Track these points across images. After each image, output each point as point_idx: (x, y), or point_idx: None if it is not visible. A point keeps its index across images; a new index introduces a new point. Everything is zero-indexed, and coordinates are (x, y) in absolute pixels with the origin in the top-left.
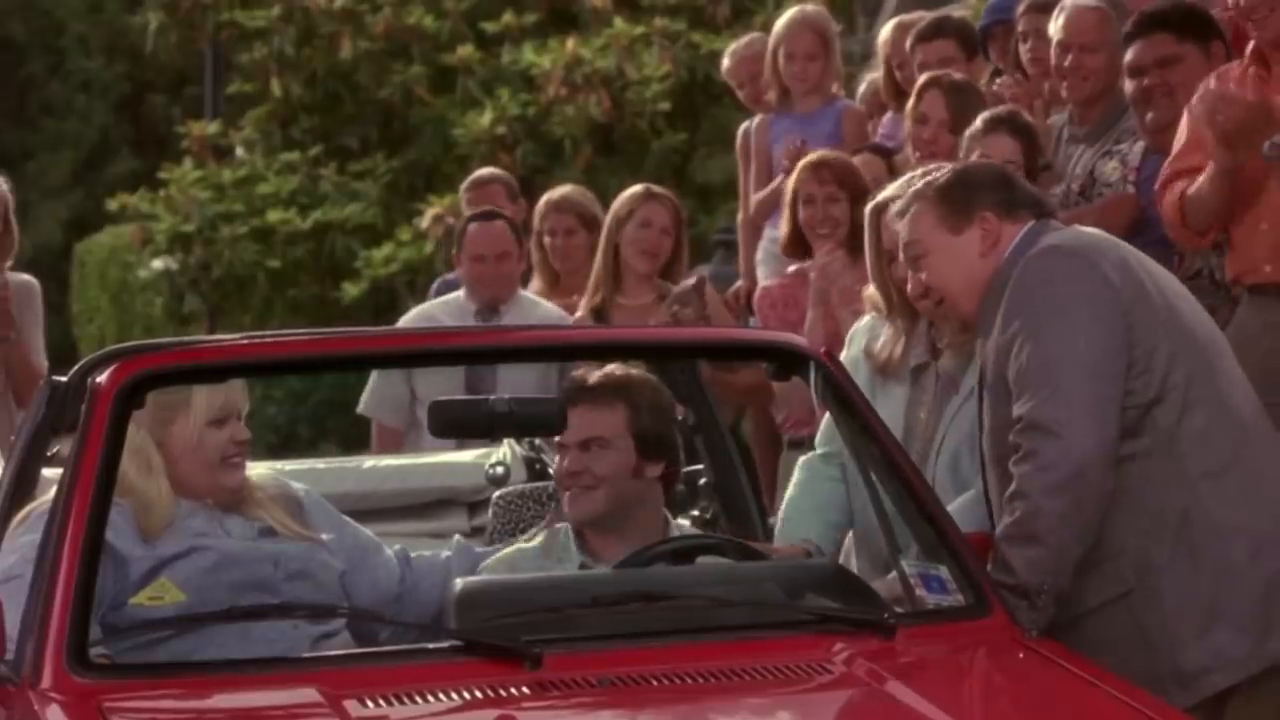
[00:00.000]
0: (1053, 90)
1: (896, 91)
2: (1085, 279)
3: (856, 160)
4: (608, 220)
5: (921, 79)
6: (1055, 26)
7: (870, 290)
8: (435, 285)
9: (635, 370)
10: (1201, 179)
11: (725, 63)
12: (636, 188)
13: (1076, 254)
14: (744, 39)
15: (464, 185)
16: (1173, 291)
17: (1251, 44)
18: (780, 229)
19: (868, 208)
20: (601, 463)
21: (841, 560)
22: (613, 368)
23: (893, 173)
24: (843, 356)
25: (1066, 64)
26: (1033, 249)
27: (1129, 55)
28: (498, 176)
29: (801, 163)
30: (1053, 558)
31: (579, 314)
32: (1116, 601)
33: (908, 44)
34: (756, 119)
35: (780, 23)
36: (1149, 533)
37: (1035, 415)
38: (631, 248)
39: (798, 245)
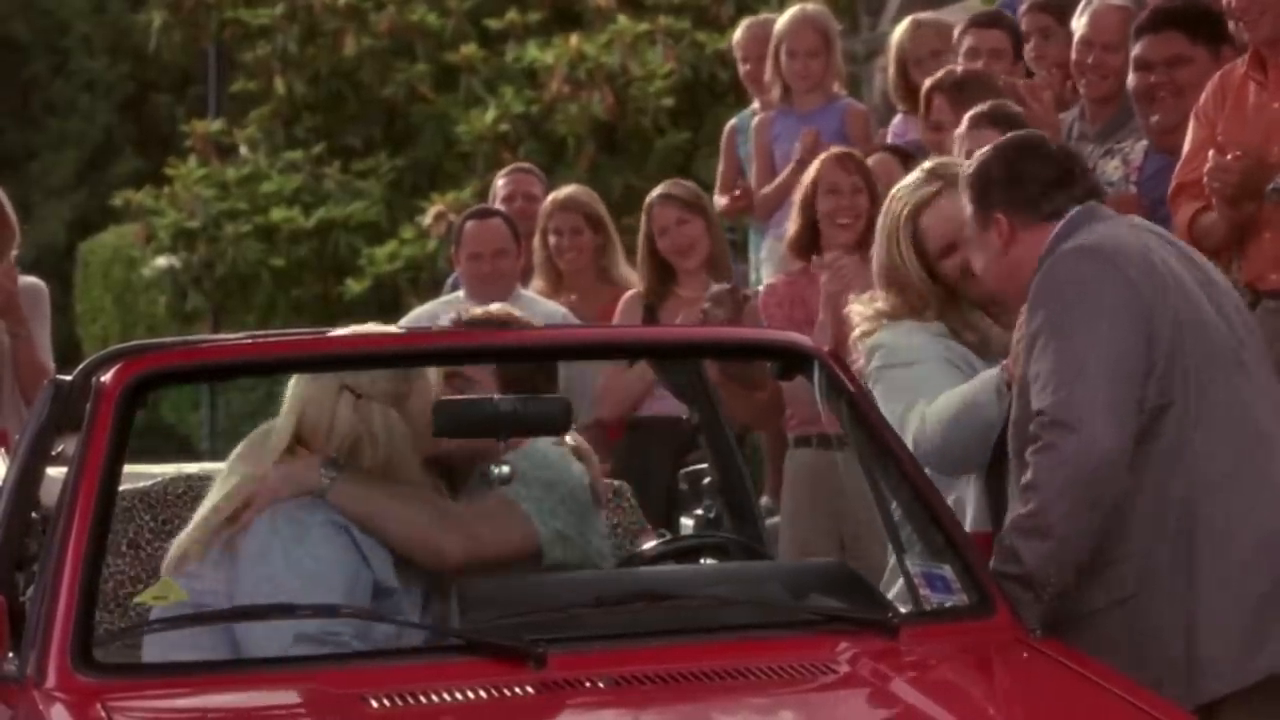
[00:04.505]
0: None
1: (908, 92)
2: (1110, 280)
3: (870, 161)
4: (643, 219)
5: (925, 85)
6: (1079, 23)
7: (880, 304)
8: (450, 281)
9: None
10: (1210, 217)
11: (737, 34)
12: (653, 191)
13: (1102, 255)
14: (762, 16)
15: (501, 173)
16: (1199, 290)
17: (1250, 48)
18: (789, 226)
19: (904, 210)
20: None
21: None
22: None
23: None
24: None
25: (1088, 61)
26: (1062, 245)
27: (1137, 49)
28: (530, 168)
29: (824, 155)
30: (1060, 552)
31: (629, 293)
32: (1117, 606)
33: (957, 30)
34: (756, 118)
35: (781, 20)
36: (1152, 539)
37: (1057, 412)
38: (670, 252)
39: (807, 243)
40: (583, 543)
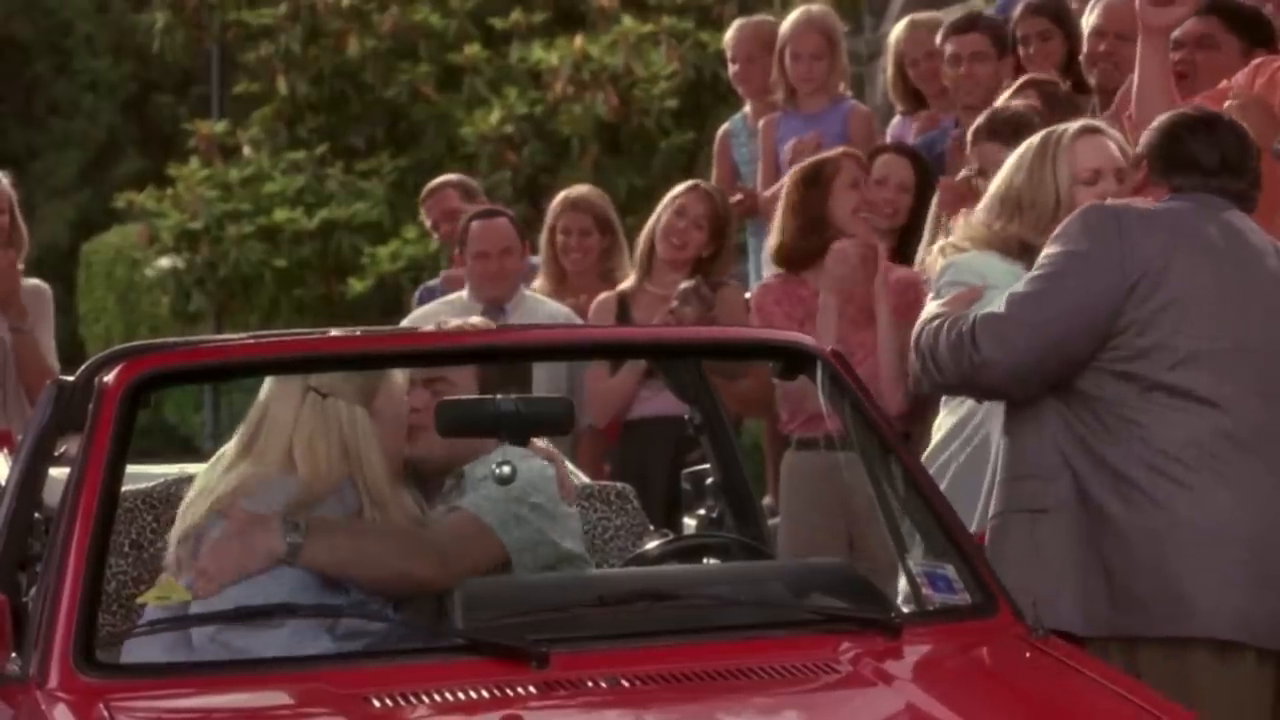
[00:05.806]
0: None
1: (906, 92)
2: (1098, 239)
3: (878, 161)
4: (671, 194)
5: (969, 131)
6: (1091, 15)
7: (977, 221)
8: (418, 294)
9: None
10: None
11: (727, 35)
12: (690, 181)
13: (1116, 218)
14: (754, 18)
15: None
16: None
17: None
18: (771, 238)
19: (1068, 133)
20: None
21: None
22: None
23: (920, 175)
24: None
25: (1100, 49)
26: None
27: (1177, 31)
28: (449, 180)
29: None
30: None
31: (600, 296)
32: (1024, 514)
33: (938, 38)
34: (763, 120)
35: (786, 23)
36: (1072, 478)
37: (983, 331)
38: (661, 234)
39: (801, 250)
40: (557, 537)
